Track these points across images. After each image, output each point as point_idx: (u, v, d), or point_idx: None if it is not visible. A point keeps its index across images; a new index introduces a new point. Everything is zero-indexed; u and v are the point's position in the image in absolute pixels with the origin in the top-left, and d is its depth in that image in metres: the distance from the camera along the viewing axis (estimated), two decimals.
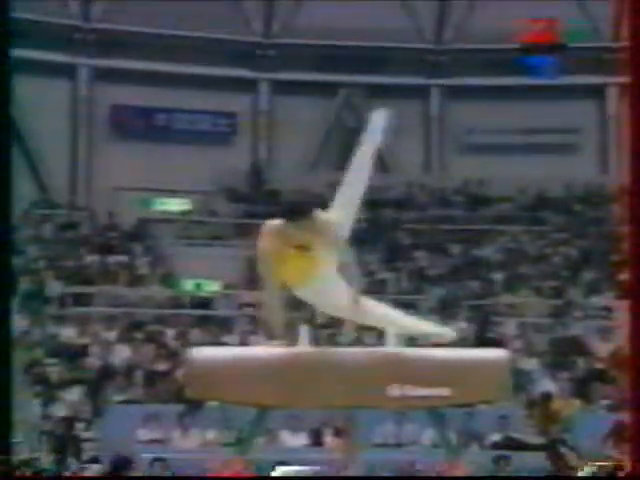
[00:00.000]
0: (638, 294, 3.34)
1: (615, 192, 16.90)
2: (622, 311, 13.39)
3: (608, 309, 13.66)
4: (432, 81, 17.83)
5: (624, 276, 14.58)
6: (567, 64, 17.20)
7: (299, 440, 9.99)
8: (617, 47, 17.18)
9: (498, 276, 14.74)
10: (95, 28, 16.69)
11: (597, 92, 17.76)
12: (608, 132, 17.74)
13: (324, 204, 4.65)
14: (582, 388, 11.47)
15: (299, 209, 4.48)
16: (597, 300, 13.98)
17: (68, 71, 16.57)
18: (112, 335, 11.84)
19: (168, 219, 15.82)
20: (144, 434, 9.79)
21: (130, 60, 16.52)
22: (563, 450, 9.68)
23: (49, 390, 10.75)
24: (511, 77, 17.26)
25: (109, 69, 16.64)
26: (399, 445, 9.93)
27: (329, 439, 9.86)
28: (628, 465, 8.76)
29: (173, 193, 16.32)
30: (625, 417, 10.31)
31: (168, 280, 14.21)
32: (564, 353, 12.24)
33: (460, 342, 4.90)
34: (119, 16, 16.52)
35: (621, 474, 7.33)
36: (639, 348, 3.32)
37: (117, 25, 16.56)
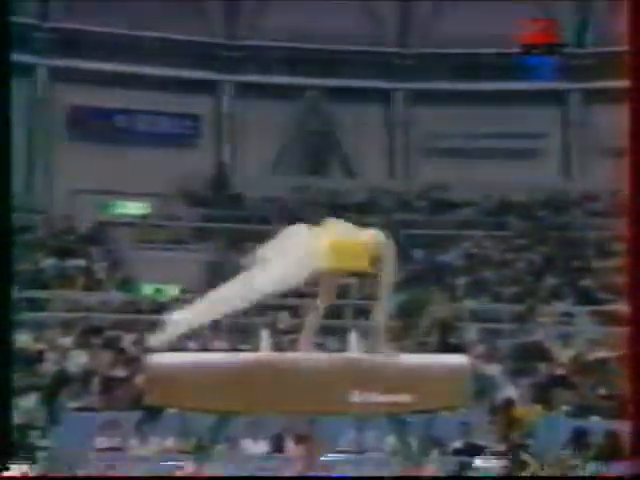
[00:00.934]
0: (637, 301, 3.28)
1: (578, 198, 17.07)
2: (582, 317, 13.53)
3: (569, 315, 13.75)
4: (396, 85, 17.86)
5: (585, 282, 14.74)
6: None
7: (260, 447, 9.87)
8: (581, 53, 17.37)
9: (461, 281, 14.77)
10: (54, 27, 16.44)
11: (560, 98, 17.91)
12: (571, 138, 17.90)
13: None
14: (543, 394, 11.50)
15: None
16: (559, 306, 14.06)
17: (26, 71, 16.29)
18: (68, 341, 11.63)
19: (127, 222, 15.62)
20: (101, 442, 9.60)
21: (90, 60, 16.29)
22: (524, 456, 9.68)
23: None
24: (475, 82, 17.35)
25: (68, 69, 16.38)
26: (361, 452, 9.85)
27: (290, 446, 9.76)
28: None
29: (133, 196, 16.12)
30: (587, 423, 10.38)
31: (127, 284, 14.02)
32: (526, 359, 12.27)
33: (422, 348, 4.86)
34: (79, 16, 16.27)
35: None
36: (638, 353, 3.27)
37: (77, 25, 16.32)
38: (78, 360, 11.18)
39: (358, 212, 16.53)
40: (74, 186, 15.82)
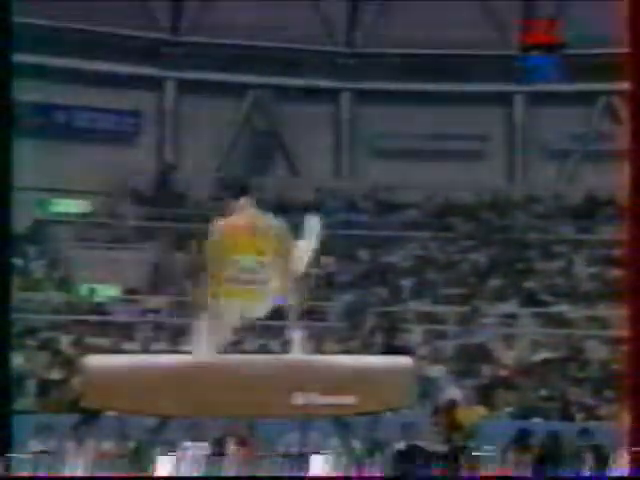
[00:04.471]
0: (637, 299, 3.26)
1: (522, 199, 17.26)
2: (526, 318, 13.66)
3: (513, 316, 13.85)
4: (343, 84, 17.85)
5: (529, 284, 14.88)
6: (478, 71, 17.55)
7: (201, 450, 9.71)
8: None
9: (406, 283, 14.79)
10: None
11: (504, 99, 18.10)
12: (515, 140, 18.09)
13: None
14: (486, 395, 11.55)
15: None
16: (502, 307, 14.16)
17: None
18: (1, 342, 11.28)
19: (66, 221, 15.29)
20: (35, 446, 9.35)
21: (28, 55, 15.86)
22: (466, 458, 9.70)
23: None
24: (421, 83, 17.43)
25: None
26: (303, 454, 9.76)
27: (232, 448, 9.63)
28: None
29: (72, 194, 15.79)
30: (530, 424, 10.44)
31: (65, 284, 13.72)
32: (469, 360, 12.32)
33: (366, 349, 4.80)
34: (17, 8, 15.84)
35: None
36: (638, 354, 3.24)
37: (15, 17, 15.88)
38: (13, 362, 10.86)
39: (303, 212, 16.45)
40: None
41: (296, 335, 4.47)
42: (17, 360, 10.90)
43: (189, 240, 15.14)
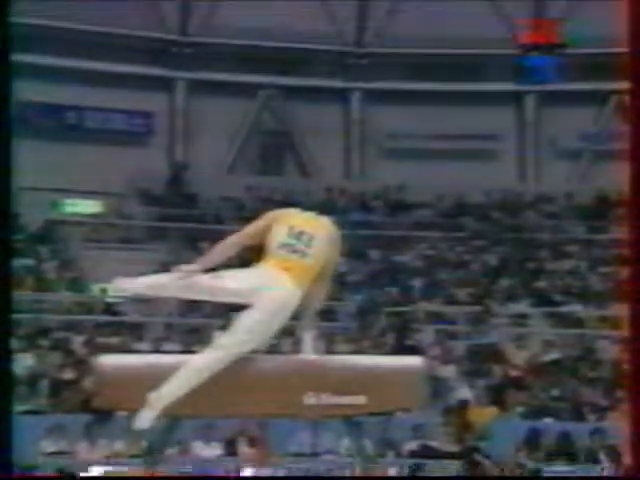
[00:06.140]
0: (638, 299, 3.25)
1: (533, 199, 17.22)
2: (537, 318, 13.62)
3: (524, 316, 13.81)
4: (353, 84, 17.84)
5: (540, 283, 14.81)
6: (489, 71, 17.51)
7: (213, 450, 9.73)
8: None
9: (417, 283, 14.76)
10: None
11: (515, 99, 18.05)
12: (526, 139, 18.04)
13: None
14: (498, 395, 11.52)
15: None
16: (513, 307, 14.11)
17: None
18: (15, 342, 11.32)
19: (78, 221, 15.34)
20: (48, 446, 9.38)
21: (40, 56, 15.95)
22: (478, 458, 9.68)
23: None
24: (432, 82, 17.40)
25: (17, 65, 15.94)
26: (315, 454, 9.76)
27: (244, 449, 9.64)
28: None
29: (84, 194, 15.84)
30: (541, 424, 10.42)
31: (77, 285, 13.75)
32: (481, 360, 12.28)
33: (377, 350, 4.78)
34: (28, 10, 15.93)
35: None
36: (638, 354, 3.23)
37: (25, 18, 15.95)
38: (25, 362, 10.91)
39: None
40: (23, 184, 15.43)
41: (307, 335, 4.46)
42: (29, 360, 10.94)
43: (200, 240, 15.17)
